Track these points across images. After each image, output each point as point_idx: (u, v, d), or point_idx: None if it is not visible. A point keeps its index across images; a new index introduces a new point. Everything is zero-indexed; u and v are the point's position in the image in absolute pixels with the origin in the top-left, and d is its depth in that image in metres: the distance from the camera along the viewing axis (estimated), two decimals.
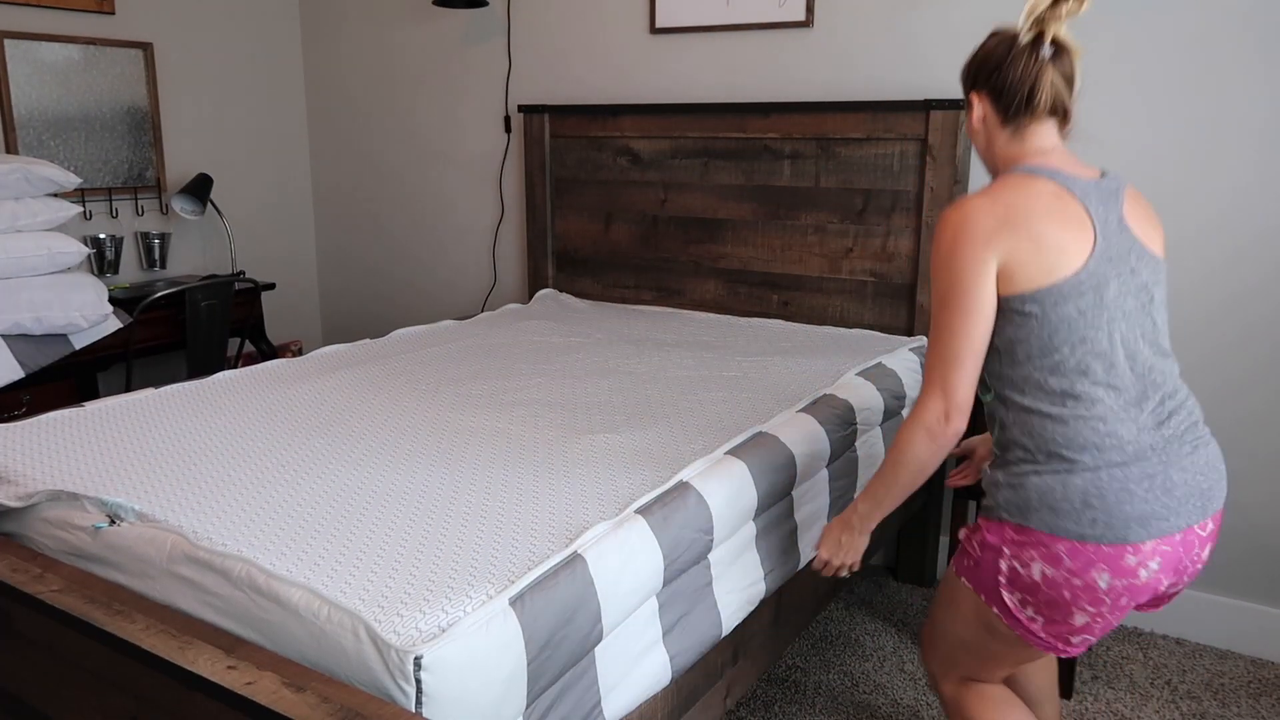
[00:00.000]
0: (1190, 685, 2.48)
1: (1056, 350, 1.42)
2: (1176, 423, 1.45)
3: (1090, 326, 1.41)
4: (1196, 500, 1.43)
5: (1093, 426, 1.41)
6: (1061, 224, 1.43)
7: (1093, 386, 1.42)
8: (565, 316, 3.19)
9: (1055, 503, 1.40)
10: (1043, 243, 1.41)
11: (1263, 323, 2.52)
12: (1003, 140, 1.55)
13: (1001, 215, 1.43)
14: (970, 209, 1.45)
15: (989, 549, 1.48)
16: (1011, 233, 1.42)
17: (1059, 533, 1.40)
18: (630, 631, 1.54)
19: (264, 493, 1.66)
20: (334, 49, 4.13)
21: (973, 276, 1.43)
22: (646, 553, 1.54)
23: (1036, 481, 1.42)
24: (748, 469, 1.81)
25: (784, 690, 2.45)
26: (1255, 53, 2.44)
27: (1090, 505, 1.39)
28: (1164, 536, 1.39)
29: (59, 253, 2.86)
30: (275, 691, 1.18)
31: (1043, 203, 1.44)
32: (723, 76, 3.20)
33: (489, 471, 1.76)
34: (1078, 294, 1.41)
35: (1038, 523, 1.41)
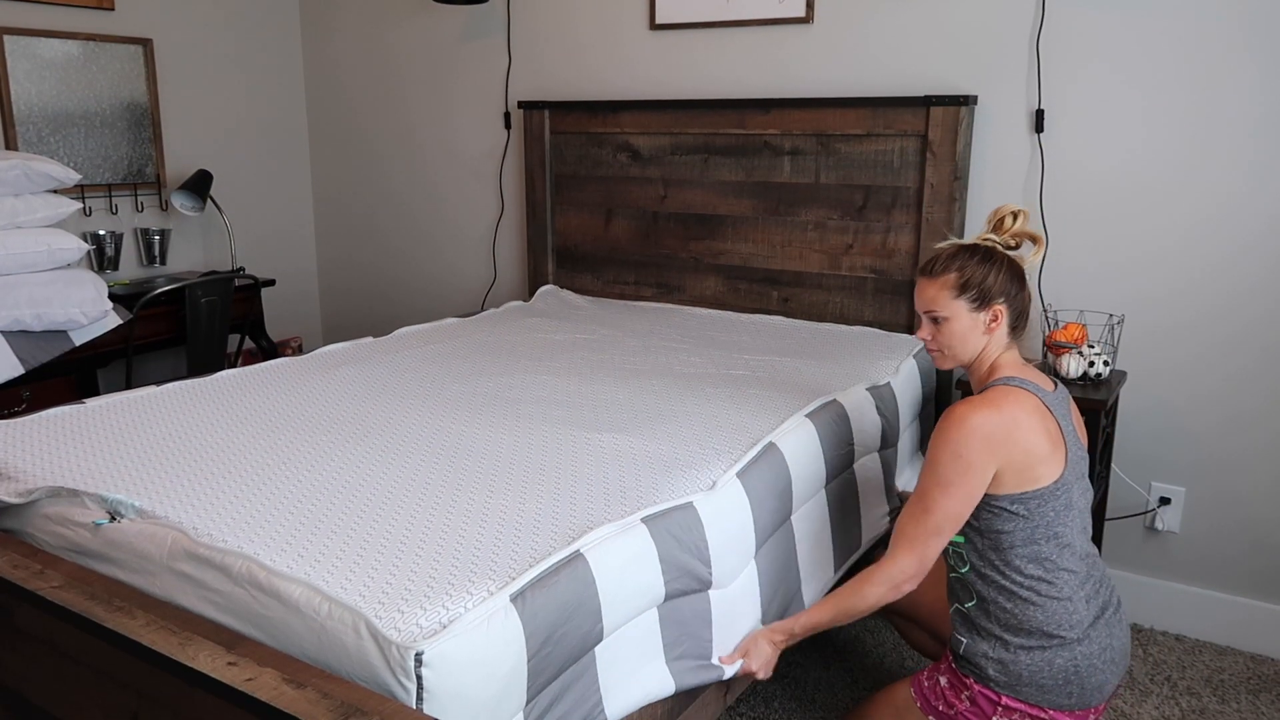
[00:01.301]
0: (1190, 681, 2.49)
1: (1037, 543, 1.67)
2: (1105, 591, 1.76)
3: (1061, 524, 1.68)
4: (1124, 661, 1.76)
5: (1063, 606, 1.68)
6: (1044, 437, 1.68)
7: (1060, 572, 1.69)
8: (567, 313, 3.19)
9: (1043, 681, 1.67)
10: (1032, 454, 1.66)
11: (1259, 320, 2.51)
12: (997, 347, 1.78)
13: (1005, 429, 1.65)
14: (984, 418, 1.66)
15: (980, 710, 1.72)
16: (1012, 444, 1.65)
17: (1047, 705, 1.68)
18: (632, 637, 1.53)
19: (265, 489, 1.66)
20: (334, 46, 4.13)
21: (977, 474, 1.65)
22: (647, 559, 1.52)
23: (1027, 660, 1.68)
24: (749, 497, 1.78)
25: (784, 687, 2.45)
26: (1249, 53, 2.43)
27: (1070, 682, 1.67)
28: (1109, 697, 1.73)
29: (59, 249, 2.85)
30: (276, 688, 1.18)
31: (1032, 419, 1.67)
32: (723, 72, 3.20)
33: (491, 468, 1.76)
34: (1055, 498, 1.67)
35: (1028, 696, 1.68)
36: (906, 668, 2.52)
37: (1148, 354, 2.66)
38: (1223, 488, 2.62)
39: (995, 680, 1.69)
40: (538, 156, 3.50)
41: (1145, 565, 2.76)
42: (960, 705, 1.74)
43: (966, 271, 1.74)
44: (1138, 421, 2.70)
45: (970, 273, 1.74)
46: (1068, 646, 1.67)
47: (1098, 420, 2.31)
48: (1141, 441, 2.71)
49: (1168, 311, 2.62)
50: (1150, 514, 2.72)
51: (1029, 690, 1.68)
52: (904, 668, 2.52)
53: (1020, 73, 2.72)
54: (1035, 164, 2.73)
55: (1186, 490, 2.67)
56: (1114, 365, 2.57)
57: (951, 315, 1.76)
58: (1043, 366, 2.51)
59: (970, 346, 1.78)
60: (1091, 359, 2.40)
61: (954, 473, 1.65)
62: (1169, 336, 2.63)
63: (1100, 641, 1.69)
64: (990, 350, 1.77)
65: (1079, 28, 2.63)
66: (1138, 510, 2.74)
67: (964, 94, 2.74)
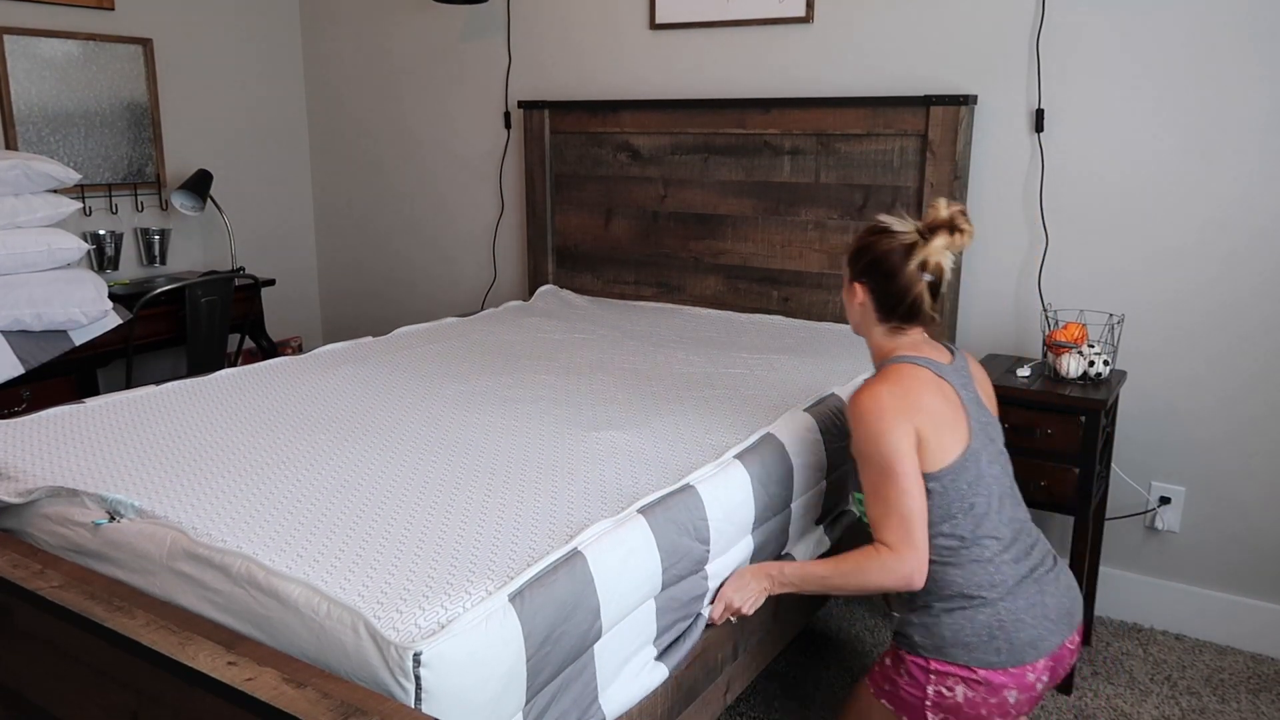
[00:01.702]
0: (1190, 681, 2.48)
1: (953, 516, 1.69)
2: (1037, 554, 1.76)
3: (974, 493, 1.70)
4: (1065, 619, 1.73)
5: (983, 567, 1.69)
6: (946, 409, 1.71)
7: (981, 538, 1.70)
8: (567, 313, 3.19)
9: (967, 639, 1.67)
10: (939, 425, 1.69)
11: (1259, 320, 2.51)
12: (879, 332, 1.82)
13: (905, 401, 1.68)
14: (881, 395, 1.69)
15: (913, 676, 1.72)
16: (916, 415, 1.67)
17: (975, 664, 1.67)
18: (629, 630, 1.54)
19: (264, 489, 1.66)
20: (333, 45, 4.13)
21: (904, 447, 1.66)
22: (646, 552, 1.53)
23: (948, 621, 1.68)
24: (750, 478, 1.81)
25: (783, 686, 2.45)
26: (1249, 52, 2.43)
27: (995, 637, 1.66)
28: (1049, 654, 1.70)
29: (59, 249, 2.85)
30: (275, 687, 1.18)
31: (929, 390, 1.71)
32: (723, 72, 3.20)
33: (490, 468, 1.76)
34: (964, 470, 1.69)
35: (955, 657, 1.68)
36: None
37: (1148, 354, 2.66)
38: (1223, 487, 2.62)
39: (923, 646, 1.70)
40: (538, 156, 3.50)
41: (1145, 565, 2.76)
42: (901, 680, 1.74)
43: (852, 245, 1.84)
44: (1138, 421, 2.70)
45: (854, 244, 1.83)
46: (989, 604, 1.67)
47: (1098, 420, 2.31)
48: (1141, 441, 2.71)
49: (1168, 311, 2.62)
50: (1150, 514, 2.72)
51: (955, 651, 1.67)
52: None
53: (1020, 73, 2.72)
54: (1035, 164, 2.73)
55: (1186, 490, 2.67)
56: (1114, 365, 2.57)
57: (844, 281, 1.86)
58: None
59: (854, 319, 1.85)
60: (1091, 359, 2.40)
61: (885, 457, 1.66)
62: (1169, 336, 2.63)
63: (1028, 599, 1.68)
64: (874, 335, 1.82)
65: (1079, 28, 2.63)
66: (1138, 510, 2.74)
67: (964, 94, 2.74)
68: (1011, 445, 2.40)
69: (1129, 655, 2.60)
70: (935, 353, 1.79)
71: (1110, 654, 2.61)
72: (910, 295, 1.75)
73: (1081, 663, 2.56)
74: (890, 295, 1.76)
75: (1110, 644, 2.66)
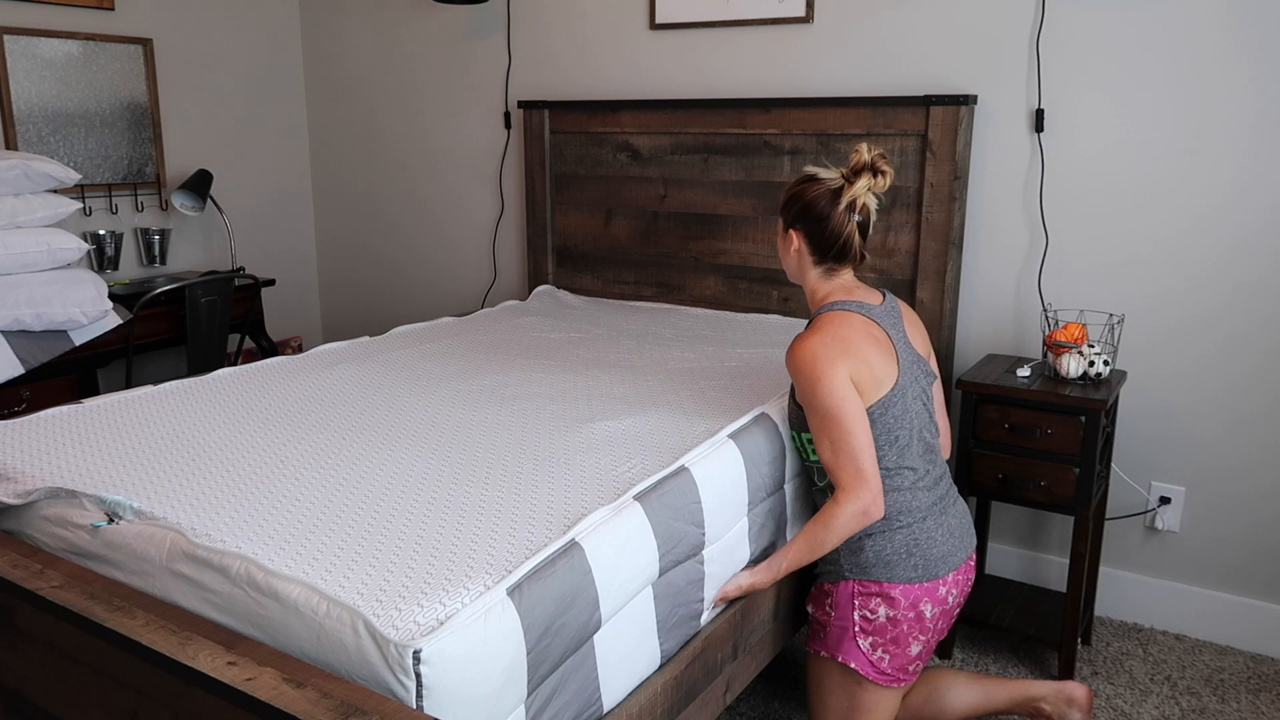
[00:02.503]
0: (1190, 681, 2.48)
1: (879, 448, 1.83)
2: (944, 483, 1.95)
3: (899, 427, 1.85)
4: (967, 537, 1.96)
5: (904, 496, 1.87)
6: (877, 349, 1.83)
7: (901, 469, 1.87)
8: (563, 313, 3.19)
9: (888, 557, 1.85)
10: (871, 365, 1.81)
11: (1259, 320, 2.51)
12: (814, 275, 1.94)
13: (838, 347, 1.79)
14: (815, 344, 1.80)
15: (840, 607, 1.90)
16: (849, 360, 1.79)
17: (894, 579, 1.85)
18: (628, 620, 1.54)
19: (262, 489, 1.66)
20: (334, 45, 4.13)
21: (842, 388, 1.78)
22: (642, 539, 1.54)
23: (870, 544, 1.86)
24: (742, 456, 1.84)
25: (783, 686, 2.45)
26: (1249, 52, 2.43)
27: (912, 554, 1.86)
28: (956, 569, 1.90)
29: (59, 249, 2.85)
30: (275, 687, 1.18)
31: (859, 333, 1.83)
32: (723, 72, 3.20)
33: (486, 463, 1.77)
34: (892, 404, 1.84)
35: (876, 575, 1.86)
36: None
37: (1148, 354, 2.66)
38: (1223, 487, 2.62)
39: (847, 569, 1.88)
40: (538, 156, 3.50)
41: (1145, 565, 2.76)
42: (828, 617, 1.92)
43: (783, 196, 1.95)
44: (1138, 421, 2.70)
45: (785, 194, 1.94)
46: (905, 528, 1.86)
47: (1098, 420, 2.31)
48: (1141, 441, 2.71)
49: (1168, 311, 2.62)
50: (1150, 514, 2.72)
51: (876, 569, 1.85)
52: None
53: (1020, 73, 2.72)
54: (1035, 164, 2.73)
55: (1186, 490, 2.67)
56: (1114, 365, 2.57)
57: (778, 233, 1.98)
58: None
59: (790, 267, 1.97)
60: (1091, 359, 2.40)
61: (825, 400, 1.77)
62: (1169, 336, 2.63)
63: (937, 520, 1.88)
64: (809, 278, 1.94)
65: (1079, 28, 2.63)
66: (1138, 510, 2.74)
67: (964, 94, 2.74)
68: (1012, 445, 2.41)
69: (1129, 655, 2.60)
70: (867, 295, 1.93)
71: (1110, 654, 2.61)
72: (841, 236, 1.88)
73: (1081, 662, 2.56)
74: (823, 238, 1.89)
75: (1110, 644, 2.66)
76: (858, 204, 1.87)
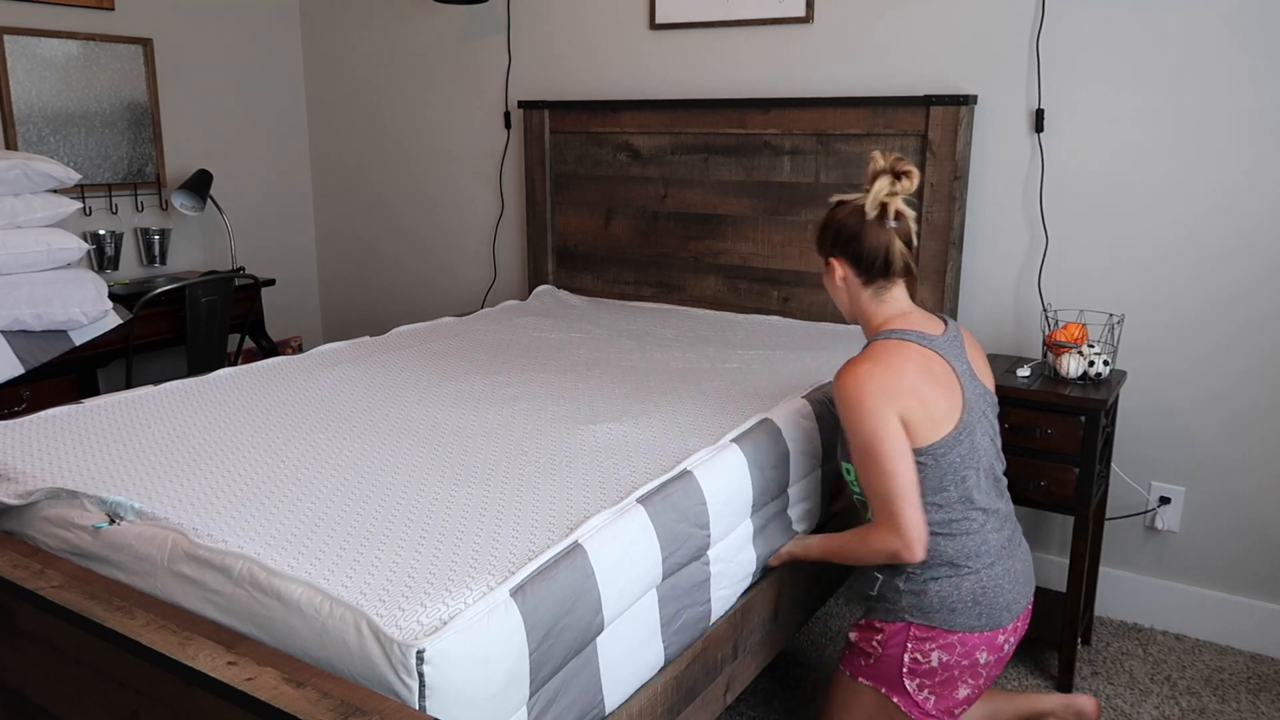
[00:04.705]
0: (1190, 681, 2.48)
1: (944, 489, 1.73)
2: (1010, 523, 1.84)
3: (966, 466, 1.73)
4: (1029, 583, 1.86)
5: (973, 540, 1.75)
6: (935, 385, 1.71)
7: (970, 510, 1.75)
8: (563, 313, 3.19)
9: (953, 604, 1.74)
10: (927, 403, 1.70)
11: (1259, 320, 2.51)
12: (866, 298, 1.83)
13: (887, 380, 1.69)
14: (862, 375, 1.70)
15: (890, 645, 1.78)
16: (900, 395, 1.68)
17: (955, 628, 1.74)
18: (632, 623, 1.54)
19: (263, 489, 1.66)
20: (334, 45, 4.13)
21: (885, 427, 1.67)
22: (646, 542, 1.54)
23: (936, 588, 1.74)
24: (746, 461, 1.83)
25: (783, 686, 2.45)
26: (1248, 52, 2.43)
27: (978, 603, 1.74)
28: (1017, 616, 1.80)
29: (59, 249, 2.85)
30: (275, 687, 1.18)
31: (915, 366, 1.71)
32: (723, 72, 3.20)
33: (488, 464, 1.76)
34: (957, 443, 1.72)
35: (938, 621, 1.74)
36: None
37: (1148, 353, 2.66)
38: (1223, 487, 2.62)
39: (906, 610, 1.76)
40: (538, 156, 3.50)
41: (1145, 565, 2.76)
42: (875, 651, 1.80)
43: (817, 233, 1.87)
44: (1138, 421, 2.70)
45: (817, 235, 1.87)
46: (974, 573, 1.74)
47: (1098, 420, 2.32)
48: (1141, 441, 2.71)
49: (1168, 311, 2.62)
50: (1150, 514, 2.72)
51: (939, 615, 1.74)
52: None
53: (1020, 73, 2.72)
54: (1035, 164, 2.73)
55: (1186, 490, 2.67)
56: (1114, 365, 2.57)
57: (824, 274, 1.88)
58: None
59: (842, 301, 1.87)
60: (1091, 359, 2.40)
61: (867, 437, 1.69)
62: (1169, 336, 2.63)
63: (1005, 565, 1.77)
64: (862, 304, 1.83)
65: (1079, 28, 2.63)
66: (1138, 510, 2.74)
67: (964, 94, 2.74)
68: (1011, 445, 2.41)
69: (1129, 655, 2.60)
70: (926, 323, 1.80)
71: (1110, 654, 2.61)
72: (881, 247, 1.78)
73: (1081, 663, 2.56)
74: (863, 255, 1.79)
75: (1110, 644, 2.66)
76: (889, 210, 1.77)
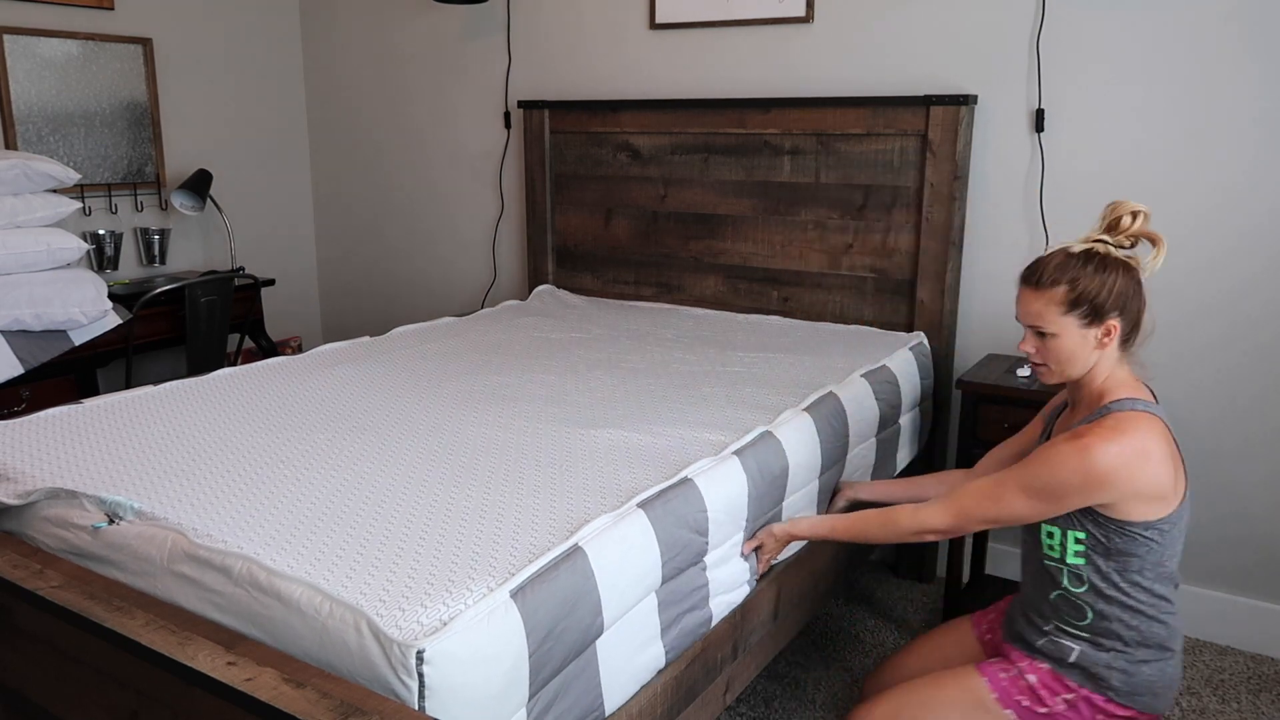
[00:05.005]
0: (1190, 681, 2.48)
1: (1165, 564, 1.63)
2: None
3: (1180, 544, 1.65)
4: None
5: (1177, 620, 1.67)
6: (1170, 463, 1.60)
7: (1174, 589, 1.67)
8: (564, 313, 3.19)
9: (1159, 689, 1.66)
10: (1158, 483, 1.58)
11: (1256, 317, 2.51)
12: (1110, 363, 1.66)
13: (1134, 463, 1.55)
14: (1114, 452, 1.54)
15: (1077, 712, 1.68)
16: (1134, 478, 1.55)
17: (1145, 709, 1.67)
18: (631, 626, 1.54)
19: (263, 489, 1.65)
20: (333, 45, 4.12)
21: (1072, 503, 1.59)
22: (646, 546, 1.54)
23: (1149, 671, 1.65)
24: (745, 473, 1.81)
25: (783, 686, 2.45)
26: (1248, 52, 2.43)
27: (1172, 687, 1.68)
28: None
29: (58, 249, 2.85)
30: (275, 687, 1.18)
31: (1161, 446, 1.58)
32: (723, 72, 3.20)
33: (489, 466, 1.76)
34: (1181, 519, 1.63)
35: (1140, 705, 1.66)
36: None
37: (1147, 352, 2.65)
38: (1222, 487, 2.62)
39: (1116, 690, 1.65)
40: (538, 156, 3.50)
41: None
42: (1055, 705, 1.69)
43: (1079, 284, 1.60)
44: None
45: (1083, 286, 1.60)
46: (1175, 655, 1.68)
47: None
48: None
49: (1167, 311, 2.62)
50: None
51: (1144, 699, 1.66)
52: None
53: (1020, 73, 2.72)
54: (1035, 164, 2.73)
55: None
56: None
57: (1060, 331, 1.62)
58: None
59: (1079, 363, 1.65)
60: None
61: (1049, 492, 1.59)
62: (1169, 335, 2.63)
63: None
64: (1101, 367, 1.65)
65: (1079, 28, 2.63)
66: None
67: (964, 94, 2.74)
68: None
69: None
70: (1145, 391, 1.68)
71: None
72: (1144, 310, 1.65)
73: None
74: (1136, 314, 1.64)
75: None
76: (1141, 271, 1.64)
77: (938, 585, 2.98)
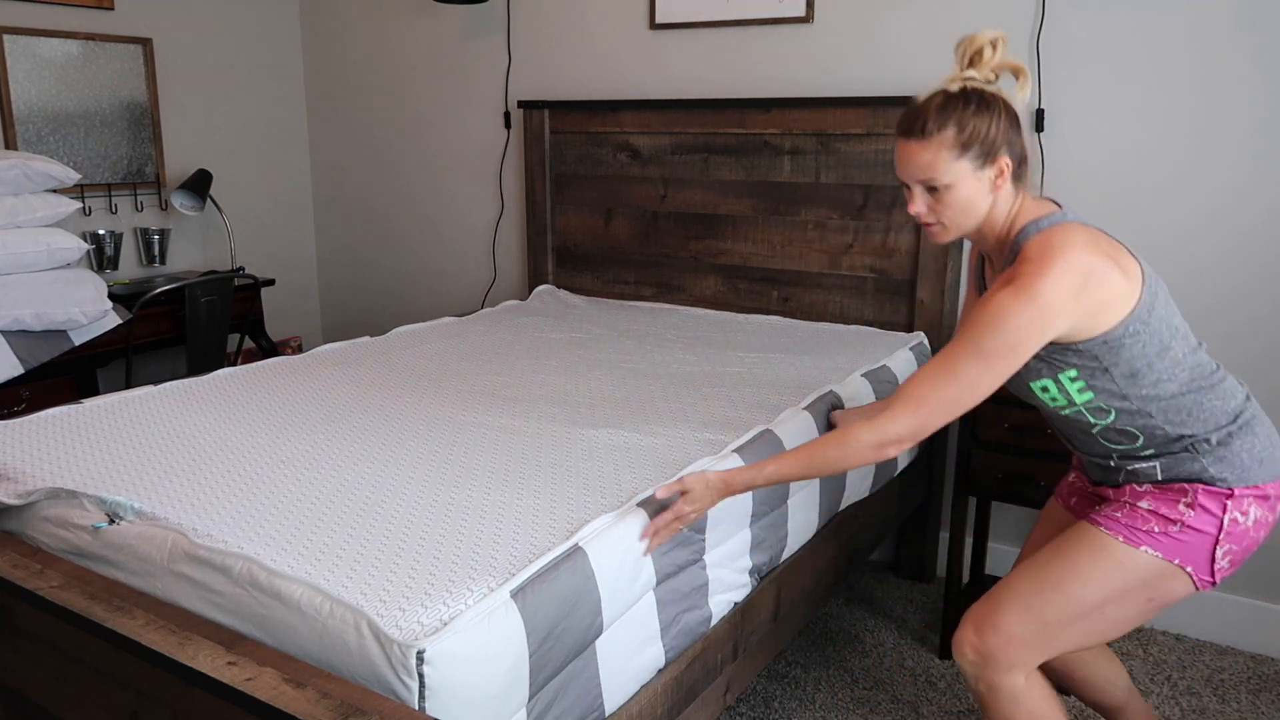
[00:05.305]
0: (1190, 681, 2.48)
1: (1169, 347, 1.54)
2: None
3: (1171, 314, 1.56)
4: None
5: (1222, 380, 1.58)
6: (1113, 252, 1.51)
7: (1202, 356, 1.58)
8: (564, 313, 3.19)
9: (1261, 453, 1.55)
10: (1124, 266, 1.50)
11: (1258, 318, 2.51)
12: (1006, 204, 1.58)
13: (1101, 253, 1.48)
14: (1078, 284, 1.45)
15: (1209, 511, 1.54)
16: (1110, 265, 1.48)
17: (1267, 479, 1.55)
18: (631, 626, 1.54)
19: (263, 489, 1.66)
20: (333, 45, 4.12)
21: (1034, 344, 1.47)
22: (646, 546, 1.54)
23: (1239, 445, 1.55)
24: None
25: (784, 686, 2.45)
26: (1248, 52, 2.43)
27: (1275, 442, 1.58)
28: None
29: (58, 249, 2.85)
30: (275, 687, 1.18)
31: (1094, 243, 1.49)
32: (723, 72, 3.19)
33: (489, 466, 1.76)
34: (1154, 298, 1.53)
35: (1259, 477, 1.54)
36: (906, 667, 2.52)
37: None
38: None
39: (1225, 479, 1.53)
40: (538, 156, 3.50)
41: None
42: (1183, 516, 1.54)
43: (967, 126, 1.51)
44: None
45: (972, 126, 1.51)
46: (1255, 416, 1.57)
47: None
48: None
49: None
50: None
51: (1259, 471, 1.54)
52: (903, 667, 2.52)
53: None
54: (1035, 164, 2.73)
55: None
56: None
57: (954, 180, 1.52)
58: None
59: (975, 213, 1.56)
60: None
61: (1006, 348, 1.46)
62: None
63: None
64: (999, 209, 1.56)
65: (1079, 28, 2.63)
66: None
67: None
68: (1011, 445, 2.41)
69: (1129, 656, 2.60)
70: (1050, 206, 1.60)
71: None
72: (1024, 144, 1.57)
73: None
74: (1022, 149, 1.57)
75: (1111, 644, 2.66)
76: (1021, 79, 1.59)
77: (938, 585, 2.98)
